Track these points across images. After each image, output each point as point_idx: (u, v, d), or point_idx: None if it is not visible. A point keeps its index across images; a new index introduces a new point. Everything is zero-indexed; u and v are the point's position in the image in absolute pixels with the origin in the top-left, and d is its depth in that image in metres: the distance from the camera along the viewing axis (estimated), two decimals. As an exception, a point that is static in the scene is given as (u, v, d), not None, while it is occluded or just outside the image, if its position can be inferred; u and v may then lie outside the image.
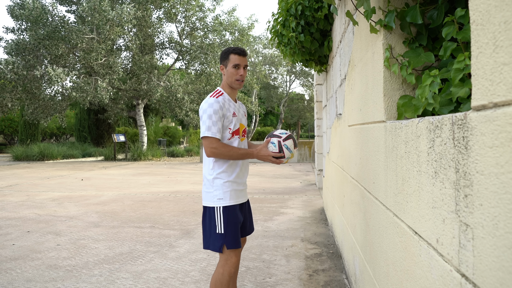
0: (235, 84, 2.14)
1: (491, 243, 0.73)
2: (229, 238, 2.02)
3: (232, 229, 2.05)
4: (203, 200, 2.12)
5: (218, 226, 2.03)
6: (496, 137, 0.71)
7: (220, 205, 2.04)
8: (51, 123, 23.82)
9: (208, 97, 2.09)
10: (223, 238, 2.02)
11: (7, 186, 8.40)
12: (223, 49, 2.20)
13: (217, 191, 2.06)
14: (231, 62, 2.11)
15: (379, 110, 1.64)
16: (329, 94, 4.39)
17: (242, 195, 2.17)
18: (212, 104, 2.02)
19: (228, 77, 2.12)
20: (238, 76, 2.12)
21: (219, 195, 2.06)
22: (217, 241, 2.03)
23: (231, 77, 2.12)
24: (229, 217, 2.05)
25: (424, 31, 1.46)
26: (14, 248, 3.82)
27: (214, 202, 2.05)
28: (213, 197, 2.06)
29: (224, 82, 2.16)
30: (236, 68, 2.11)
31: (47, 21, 14.46)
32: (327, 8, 3.19)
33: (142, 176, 10.42)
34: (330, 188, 4.54)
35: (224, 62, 2.14)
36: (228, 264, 2.03)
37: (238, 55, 2.12)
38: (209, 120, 2.00)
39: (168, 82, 16.32)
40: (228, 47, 2.19)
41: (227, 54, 2.13)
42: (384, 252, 1.61)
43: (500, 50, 0.69)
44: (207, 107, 2.02)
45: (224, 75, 2.14)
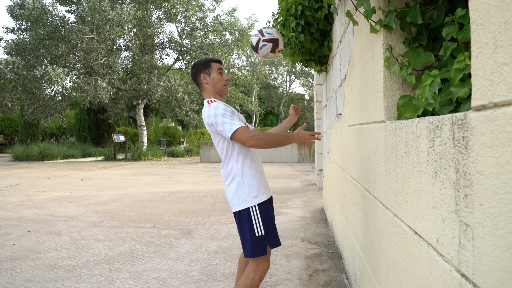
0: (224, 89, 2.15)
1: (491, 243, 0.73)
2: (271, 236, 1.97)
3: (271, 226, 2.00)
4: (234, 205, 2.02)
5: (257, 228, 1.96)
6: (496, 137, 0.71)
7: (254, 203, 1.97)
8: (51, 123, 23.82)
9: (206, 106, 2.06)
10: (264, 238, 1.96)
11: (7, 186, 8.40)
12: (196, 62, 2.19)
13: (251, 189, 1.99)
14: (215, 68, 2.13)
15: (379, 110, 1.64)
16: (329, 94, 4.39)
17: (269, 189, 2.14)
18: (216, 106, 1.99)
19: (216, 84, 2.12)
20: (224, 81, 2.15)
21: (253, 193, 1.99)
22: (259, 245, 1.95)
23: (219, 82, 2.13)
24: (266, 214, 1.99)
25: (424, 31, 1.46)
26: (14, 248, 3.82)
27: (247, 202, 1.97)
28: (247, 196, 1.98)
29: (210, 91, 2.14)
30: (221, 74, 2.15)
31: (47, 21, 14.46)
32: (327, 8, 3.19)
33: (142, 176, 10.43)
34: (330, 188, 4.54)
35: (205, 71, 2.13)
36: (260, 269, 1.97)
37: (218, 62, 2.17)
38: (226, 117, 1.95)
39: (168, 82, 16.32)
40: (201, 60, 2.19)
41: (207, 63, 2.14)
42: (384, 252, 1.61)
43: (500, 50, 0.69)
44: (214, 111, 1.97)
45: (207, 83, 2.13)
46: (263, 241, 1.95)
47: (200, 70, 2.14)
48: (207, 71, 2.13)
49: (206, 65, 2.14)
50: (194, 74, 2.16)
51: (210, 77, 2.13)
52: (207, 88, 2.14)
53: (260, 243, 1.95)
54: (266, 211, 1.99)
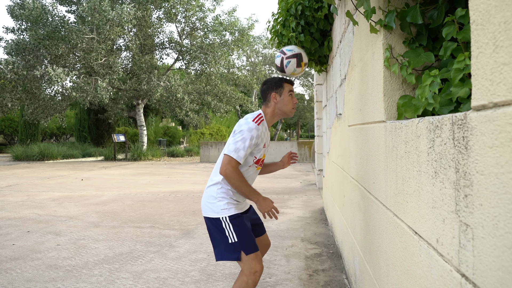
0: (291, 112, 2.17)
1: (491, 243, 0.73)
2: (245, 243, 1.97)
3: (245, 234, 1.99)
4: (204, 211, 2.06)
5: (230, 236, 1.97)
6: (496, 137, 0.71)
7: (225, 215, 1.99)
8: (51, 123, 23.82)
9: (250, 119, 2.04)
10: (239, 246, 1.96)
11: (7, 186, 8.40)
12: (271, 78, 2.19)
13: (221, 202, 2.02)
14: (287, 89, 2.14)
15: (379, 110, 1.64)
16: (329, 94, 4.39)
17: (245, 205, 2.17)
18: (252, 129, 1.98)
19: (284, 106, 2.13)
20: (294, 104, 2.17)
21: (222, 206, 2.01)
22: (232, 251, 1.97)
23: (288, 104, 2.14)
24: (238, 223, 1.99)
25: (424, 31, 1.46)
26: (14, 248, 3.82)
27: (218, 212, 2.00)
28: (217, 207, 2.01)
29: (272, 110, 2.14)
30: (292, 96, 2.16)
31: (47, 21, 14.46)
32: (327, 8, 3.19)
33: (142, 176, 10.42)
34: (330, 188, 4.54)
35: (277, 90, 2.13)
36: (253, 272, 1.96)
37: (290, 84, 2.18)
38: (242, 143, 1.96)
39: (168, 82, 16.32)
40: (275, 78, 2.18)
41: (280, 83, 2.14)
42: (384, 252, 1.61)
43: (500, 50, 0.69)
44: (246, 130, 1.98)
45: (276, 103, 2.13)
46: (237, 247, 1.96)
47: (272, 88, 2.14)
48: (279, 91, 2.13)
49: (279, 84, 2.14)
50: (265, 91, 2.17)
51: (281, 98, 2.13)
52: (271, 106, 2.14)
53: (234, 250, 1.97)
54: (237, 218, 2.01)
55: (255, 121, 2.02)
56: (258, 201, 2.02)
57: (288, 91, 2.14)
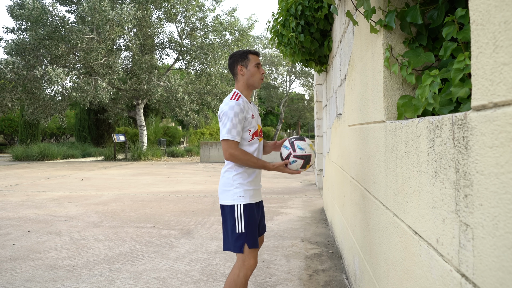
0: (259, 82, 2.15)
1: (491, 243, 0.73)
2: (250, 237, 2.00)
3: (252, 228, 2.03)
4: (221, 199, 2.09)
5: (238, 226, 2.01)
6: (496, 137, 0.71)
7: (240, 202, 2.02)
8: (51, 123, 23.82)
9: (228, 99, 2.07)
10: (243, 237, 2.00)
11: (7, 186, 8.40)
12: (236, 51, 2.17)
13: (238, 189, 2.04)
14: (252, 61, 2.13)
15: (379, 110, 1.64)
16: (329, 94, 4.39)
17: (259, 194, 2.18)
18: (233, 106, 2.00)
19: (251, 77, 2.12)
20: (261, 75, 2.15)
21: (239, 193, 2.04)
22: (237, 241, 2.01)
23: (254, 75, 2.12)
24: (249, 215, 2.03)
25: (424, 31, 1.46)
26: (14, 248, 3.82)
27: (234, 199, 2.03)
28: (233, 194, 2.04)
29: (242, 83, 2.14)
30: (258, 67, 2.14)
31: (47, 21, 14.46)
32: (327, 8, 3.19)
33: (142, 176, 10.42)
34: (330, 188, 4.54)
35: (243, 62, 2.12)
36: (246, 266, 2.00)
37: (256, 55, 2.16)
38: (230, 123, 1.98)
39: (168, 82, 16.32)
40: (240, 51, 2.18)
41: (245, 55, 2.13)
42: (384, 252, 1.61)
43: (500, 50, 0.69)
44: (227, 109, 2.00)
45: (243, 75, 2.12)
46: (241, 238, 2.00)
47: (238, 61, 2.13)
48: (245, 63, 2.12)
49: (244, 56, 2.13)
50: (231, 64, 2.16)
51: (247, 69, 2.12)
52: (240, 80, 2.14)
53: (238, 240, 2.00)
54: (250, 212, 2.04)
55: (233, 99, 2.05)
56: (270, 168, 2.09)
57: (254, 63, 2.12)
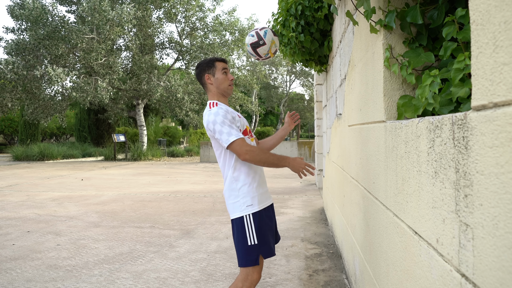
0: (229, 89, 2.06)
1: (491, 243, 0.73)
2: (264, 246, 1.90)
3: (266, 236, 1.93)
4: (230, 213, 1.98)
5: (250, 237, 1.89)
6: (496, 137, 0.71)
7: (249, 212, 1.91)
8: (51, 123, 23.83)
9: (207, 111, 1.97)
10: (257, 248, 1.89)
11: (7, 186, 8.40)
12: (201, 61, 2.09)
13: (245, 197, 1.93)
14: (219, 67, 2.05)
15: (379, 110, 1.64)
16: (329, 94, 4.39)
17: (268, 197, 2.07)
18: (217, 112, 1.90)
19: (220, 84, 2.03)
20: (229, 81, 2.06)
21: (247, 202, 1.93)
22: (251, 254, 1.88)
23: (223, 83, 2.04)
24: (260, 224, 1.92)
25: (424, 31, 1.46)
26: (14, 248, 3.82)
27: (243, 210, 1.92)
28: (242, 205, 1.93)
29: (214, 92, 2.05)
30: (225, 74, 2.05)
31: (47, 21, 14.46)
32: (327, 8, 3.19)
33: (142, 176, 10.42)
34: (330, 188, 4.54)
35: (209, 71, 2.04)
36: (249, 280, 1.89)
37: (222, 62, 2.08)
38: (225, 126, 1.87)
39: (168, 82, 16.32)
40: (205, 59, 2.09)
41: (211, 62, 2.05)
42: (384, 252, 1.61)
43: (500, 50, 0.69)
44: (214, 117, 1.89)
45: (211, 84, 2.04)
46: (254, 250, 1.89)
47: (204, 70, 2.05)
48: (211, 71, 2.04)
49: (210, 64, 2.05)
50: (198, 74, 2.09)
51: (215, 77, 2.04)
52: (211, 89, 2.05)
53: (251, 253, 1.89)
54: (260, 220, 1.93)
55: (212, 106, 1.97)
56: (289, 163, 1.94)
57: (221, 69, 2.04)
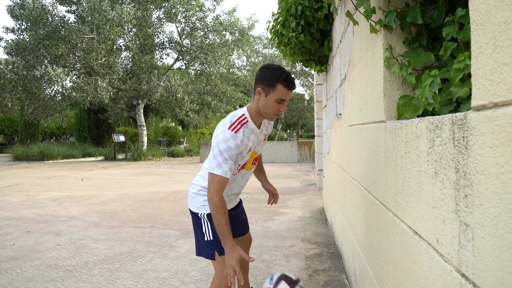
0: (271, 118, 1.83)
1: (491, 243, 0.73)
2: (219, 245, 1.84)
3: None
4: (189, 204, 1.97)
5: (206, 234, 1.88)
6: (496, 137, 0.71)
7: (205, 212, 1.89)
8: (51, 123, 23.83)
9: (228, 125, 1.77)
10: (213, 245, 1.87)
11: (7, 186, 8.40)
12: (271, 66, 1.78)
13: (201, 197, 1.91)
14: (277, 94, 1.75)
15: (379, 110, 1.64)
16: (329, 94, 4.39)
17: (229, 205, 2.04)
18: (227, 139, 1.73)
19: (265, 108, 1.78)
20: (278, 112, 1.80)
21: (202, 202, 1.91)
22: (208, 249, 1.89)
23: (270, 109, 1.78)
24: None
25: (424, 31, 1.46)
26: (14, 248, 3.82)
27: (199, 208, 1.91)
28: (197, 202, 1.92)
29: (256, 108, 1.82)
30: (280, 103, 1.78)
31: (47, 21, 14.46)
32: (327, 8, 3.19)
33: (142, 176, 10.42)
34: (330, 188, 4.54)
35: (267, 88, 1.76)
36: (224, 275, 1.85)
37: (288, 88, 1.76)
38: (221, 157, 1.73)
39: (168, 82, 16.32)
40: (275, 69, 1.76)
41: (274, 82, 1.74)
42: (384, 252, 1.61)
43: (500, 50, 0.69)
44: (221, 141, 1.73)
45: (259, 100, 1.79)
46: (211, 246, 1.88)
47: (263, 82, 1.77)
48: (268, 90, 1.76)
49: (273, 83, 1.75)
50: (256, 78, 1.82)
51: (265, 98, 1.77)
52: (255, 102, 1.82)
53: (209, 247, 1.88)
54: None
55: (231, 129, 1.75)
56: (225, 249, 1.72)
57: (277, 98, 1.76)
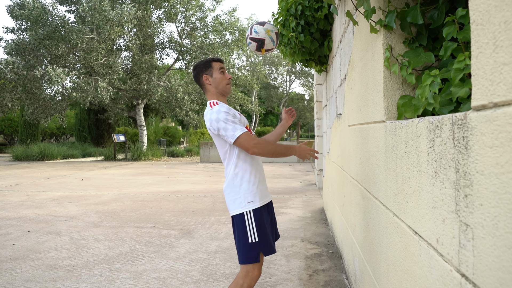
0: (227, 88, 2.10)
1: (491, 243, 0.73)
2: (265, 244, 1.92)
3: (266, 234, 1.94)
4: (231, 209, 1.99)
5: (251, 235, 1.91)
6: (496, 137, 0.71)
7: (250, 208, 1.93)
8: (51, 123, 23.83)
9: (208, 109, 2.00)
10: (258, 246, 1.91)
11: (7, 186, 8.40)
12: (198, 63, 2.13)
13: (246, 194, 1.95)
14: (216, 68, 2.08)
15: (379, 110, 1.64)
16: (329, 94, 4.39)
17: (268, 194, 2.10)
18: (218, 110, 1.94)
19: (218, 84, 2.07)
20: (227, 80, 2.09)
21: (248, 198, 1.95)
22: (252, 251, 1.91)
23: (221, 82, 2.08)
24: (261, 220, 1.94)
25: (424, 31, 1.46)
26: (14, 248, 3.82)
27: (243, 207, 1.94)
28: (243, 201, 1.95)
29: (213, 92, 2.09)
30: (223, 73, 2.09)
31: (47, 21, 14.46)
32: (327, 8, 3.19)
33: (142, 176, 10.42)
34: (330, 188, 4.54)
35: (207, 71, 2.08)
36: (249, 276, 1.91)
37: (219, 61, 2.11)
38: (229, 122, 1.91)
39: (168, 82, 16.32)
40: (201, 61, 2.13)
41: (208, 63, 2.09)
42: (384, 252, 1.61)
43: (500, 50, 0.69)
44: (217, 115, 1.92)
45: (210, 84, 2.08)
46: (255, 248, 1.91)
47: (202, 71, 2.08)
48: (209, 72, 2.07)
49: (207, 65, 2.08)
50: (196, 76, 2.11)
51: (213, 78, 2.07)
52: (210, 89, 2.09)
53: (252, 250, 1.91)
54: (261, 217, 1.95)
55: (213, 105, 2.00)
56: (295, 151, 2.02)
57: (218, 69, 2.08)
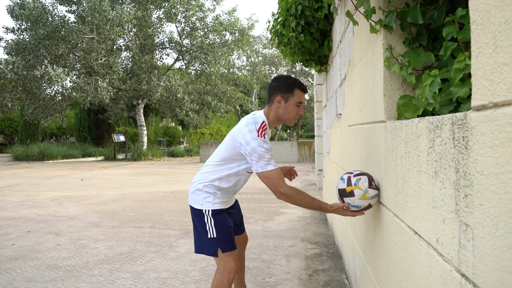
0: (290, 122, 1.98)
1: (491, 243, 0.73)
2: (223, 241, 1.94)
3: (225, 231, 1.97)
4: (191, 201, 2.03)
5: (210, 231, 1.95)
6: (496, 137, 0.71)
7: (208, 208, 1.97)
8: (51, 123, 23.82)
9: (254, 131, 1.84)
10: (216, 242, 1.94)
11: (7, 186, 8.40)
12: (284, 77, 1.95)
13: (207, 194, 1.98)
14: (296, 98, 1.93)
15: (379, 110, 1.64)
16: (329, 94, 4.39)
17: (230, 202, 2.11)
18: (262, 144, 1.81)
19: (286, 113, 1.93)
20: (297, 115, 1.97)
21: (208, 199, 1.98)
22: (210, 246, 1.95)
23: (291, 114, 1.94)
24: (219, 219, 1.97)
25: (424, 31, 1.46)
26: (14, 248, 3.82)
27: (202, 204, 1.98)
28: (201, 198, 1.98)
29: (274, 115, 1.95)
30: (298, 106, 1.95)
31: (47, 21, 14.46)
32: (327, 8, 3.19)
33: (142, 176, 10.42)
34: (330, 188, 4.54)
35: (286, 95, 1.92)
36: (227, 270, 1.94)
37: (303, 91, 1.95)
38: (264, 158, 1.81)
39: (168, 82, 16.32)
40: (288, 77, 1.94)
41: (292, 87, 1.92)
42: (384, 252, 1.61)
43: (500, 50, 0.69)
44: (256, 146, 1.81)
45: (278, 107, 1.93)
46: (215, 243, 1.94)
47: (281, 90, 1.93)
48: (287, 96, 1.92)
49: (290, 89, 1.92)
50: (272, 89, 1.96)
51: (285, 104, 1.93)
52: (274, 109, 1.96)
53: (211, 244, 1.95)
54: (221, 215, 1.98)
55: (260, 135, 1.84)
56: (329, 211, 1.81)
57: (297, 101, 1.93)
